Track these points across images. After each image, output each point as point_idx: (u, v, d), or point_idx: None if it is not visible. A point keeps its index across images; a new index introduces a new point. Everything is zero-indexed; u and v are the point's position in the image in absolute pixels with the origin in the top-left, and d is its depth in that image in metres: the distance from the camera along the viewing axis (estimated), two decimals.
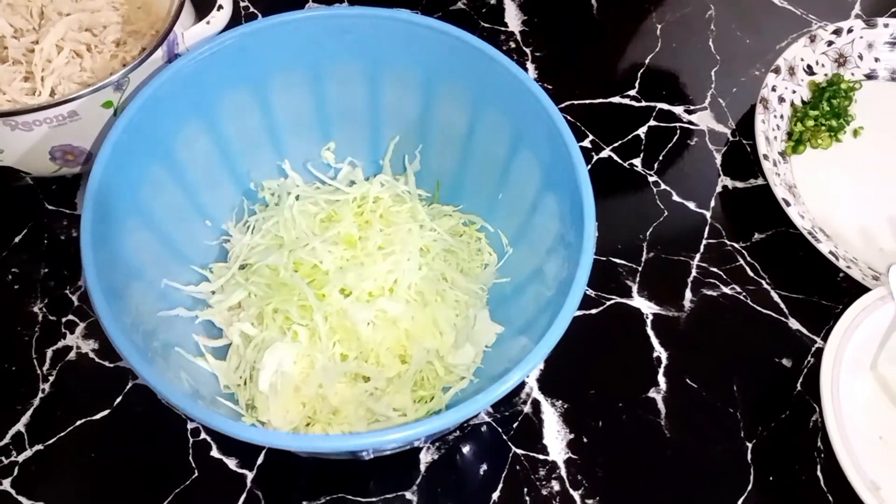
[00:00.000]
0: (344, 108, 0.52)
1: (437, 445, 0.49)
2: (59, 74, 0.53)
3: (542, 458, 0.49)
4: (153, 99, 0.44)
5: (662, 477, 0.49)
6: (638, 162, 0.62)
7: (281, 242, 0.50)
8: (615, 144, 0.63)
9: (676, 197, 0.60)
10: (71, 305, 0.53)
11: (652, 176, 0.61)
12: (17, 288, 0.54)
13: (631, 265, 0.57)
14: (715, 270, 0.57)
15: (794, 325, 0.55)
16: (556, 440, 0.50)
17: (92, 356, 0.51)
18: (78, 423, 0.49)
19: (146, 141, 0.44)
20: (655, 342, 0.54)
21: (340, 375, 0.45)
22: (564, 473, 0.49)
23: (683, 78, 0.67)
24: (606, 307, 0.55)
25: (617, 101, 0.65)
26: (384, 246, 0.49)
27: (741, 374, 0.53)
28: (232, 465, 0.48)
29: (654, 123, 0.64)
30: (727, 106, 0.66)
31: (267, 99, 0.50)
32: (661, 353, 0.53)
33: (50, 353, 0.51)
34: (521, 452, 0.49)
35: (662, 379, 0.52)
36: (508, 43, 0.68)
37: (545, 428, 0.50)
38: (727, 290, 0.56)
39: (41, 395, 0.50)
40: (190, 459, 0.48)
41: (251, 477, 0.48)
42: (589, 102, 0.65)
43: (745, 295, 0.56)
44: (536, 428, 0.50)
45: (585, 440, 0.50)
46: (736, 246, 0.58)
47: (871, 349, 0.51)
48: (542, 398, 0.51)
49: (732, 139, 0.64)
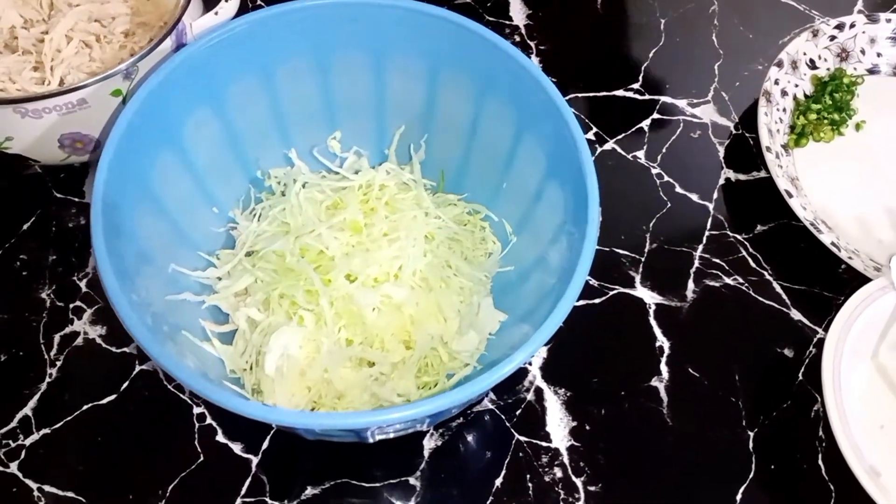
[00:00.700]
0: (350, 97, 0.52)
1: (440, 432, 0.50)
2: (68, 64, 0.53)
3: (544, 445, 0.50)
4: (163, 85, 0.44)
5: (664, 465, 0.49)
6: (641, 154, 0.62)
7: (287, 229, 0.50)
8: (619, 137, 0.63)
9: (679, 189, 0.61)
10: (78, 292, 0.53)
11: (655, 168, 0.62)
12: (25, 274, 0.54)
13: (634, 256, 0.57)
14: (717, 261, 0.57)
15: (795, 315, 0.55)
16: (558, 428, 0.50)
17: (99, 342, 0.51)
18: (85, 407, 0.49)
19: (155, 127, 0.45)
20: (658, 332, 0.54)
21: (345, 360, 0.46)
22: (567, 461, 0.49)
23: (687, 72, 0.68)
24: (609, 297, 0.55)
25: (621, 94, 0.66)
26: (389, 232, 0.50)
27: (743, 363, 0.53)
28: (237, 449, 0.48)
29: (657, 116, 0.65)
30: (730, 99, 0.66)
31: (274, 87, 0.50)
32: (663, 342, 0.54)
33: (57, 338, 0.52)
34: (523, 439, 0.50)
35: (665, 368, 0.53)
36: (513, 36, 0.69)
37: (548, 415, 0.51)
38: (729, 280, 0.56)
39: (48, 379, 0.50)
40: (196, 444, 0.48)
41: (256, 461, 0.48)
42: (593, 95, 0.65)
43: (747, 286, 0.56)
44: (539, 415, 0.50)
45: (588, 428, 0.50)
46: (738, 237, 0.59)
47: (871, 339, 0.52)
48: (545, 386, 0.52)
49: (735, 132, 0.64)
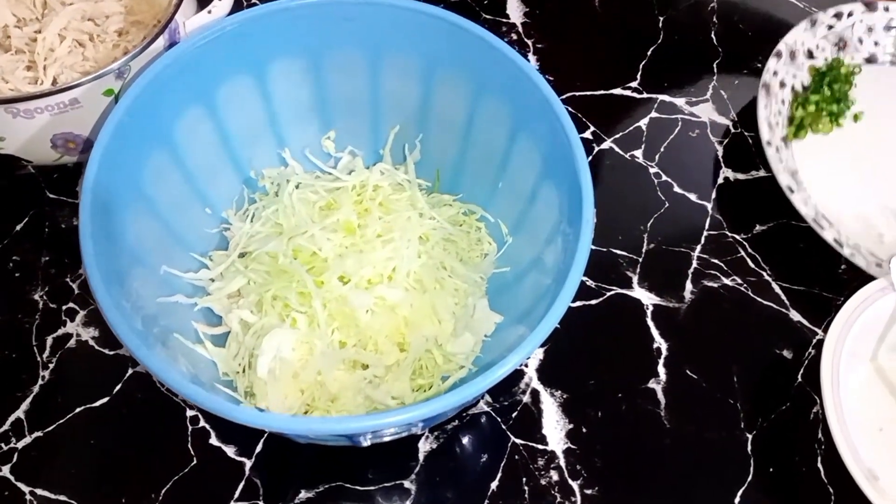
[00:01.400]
0: (344, 96, 0.52)
1: (435, 434, 0.49)
2: (61, 63, 0.53)
3: (540, 447, 0.49)
4: (153, 83, 0.44)
5: (662, 468, 0.49)
6: (639, 153, 0.62)
7: (280, 230, 0.50)
8: (616, 136, 0.63)
9: (677, 188, 0.60)
10: (71, 293, 0.53)
11: (653, 167, 0.61)
12: (17, 276, 0.54)
13: (632, 256, 0.57)
14: (716, 262, 0.57)
15: (794, 316, 0.55)
16: (555, 430, 0.50)
17: (92, 344, 0.51)
18: (77, 410, 0.49)
19: (146, 126, 0.44)
20: (655, 333, 0.54)
21: (339, 362, 0.45)
22: (563, 463, 0.49)
23: (685, 70, 0.67)
24: (606, 298, 0.55)
25: (618, 92, 0.65)
26: (383, 233, 0.49)
27: (741, 365, 0.53)
28: (231, 452, 0.48)
29: (655, 115, 0.64)
30: (729, 98, 0.65)
31: (267, 86, 0.50)
32: (661, 343, 0.53)
33: (50, 340, 0.51)
34: (520, 442, 0.49)
35: (662, 370, 0.52)
36: (510, 34, 0.68)
37: (544, 418, 0.50)
38: (728, 281, 0.56)
39: (41, 382, 0.50)
40: (189, 447, 0.48)
41: (250, 465, 0.48)
42: (590, 94, 0.65)
43: (745, 286, 0.56)
44: (535, 418, 0.50)
45: (584, 430, 0.50)
46: (737, 237, 0.58)
47: (871, 340, 0.51)
48: (541, 388, 0.51)
49: (734, 131, 0.64)
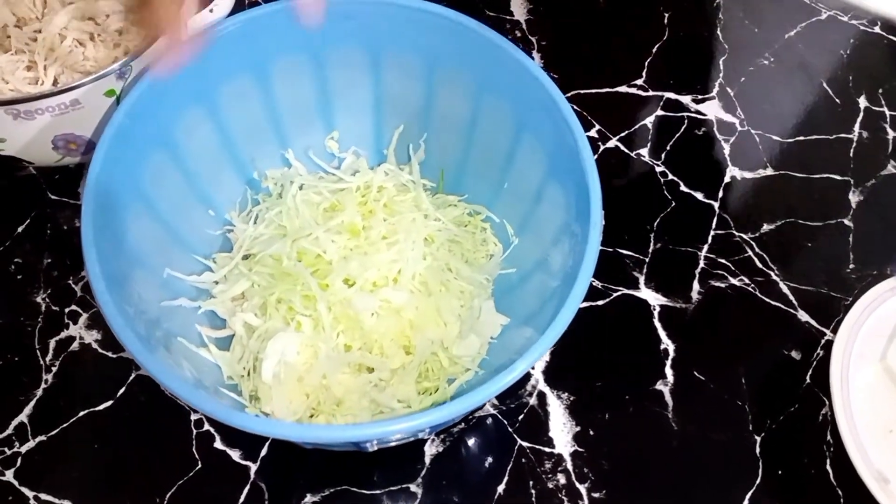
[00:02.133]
0: (347, 95, 0.51)
1: (441, 437, 0.49)
2: (61, 63, 0.53)
3: (547, 450, 0.49)
4: (155, 85, 0.43)
5: (670, 470, 0.49)
6: (645, 152, 0.61)
7: (284, 232, 0.49)
8: (622, 134, 0.62)
9: (684, 187, 0.60)
10: (74, 296, 0.52)
11: (659, 166, 0.61)
12: (20, 278, 0.53)
13: (638, 256, 0.56)
14: (723, 262, 0.56)
15: (802, 317, 0.54)
16: (561, 433, 0.49)
17: (95, 346, 0.51)
18: (81, 413, 0.49)
19: (148, 127, 0.44)
20: (663, 334, 0.53)
21: (344, 366, 0.45)
22: (570, 466, 0.48)
23: (691, 67, 0.67)
24: (613, 299, 0.54)
25: (624, 90, 0.65)
26: (388, 235, 0.49)
27: (749, 366, 0.52)
28: (236, 456, 0.48)
29: (661, 113, 0.63)
30: (735, 95, 0.65)
31: (269, 87, 0.49)
32: (668, 345, 0.53)
33: (53, 343, 0.51)
34: (526, 445, 0.49)
35: (670, 371, 0.52)
36: (514, 32, 0.67)
37: (551, 420, 0.50)
38: (735, 281, 0.55)
39: (44, 385, 0.49)
40: (193, 451, 0.48)
41: (255, 469, 0.47)
42: (595, 92, 0.64)
43: (753, 286, 0.55)
44: (542, 420, 0.50)
45: (592, 433, 0.49)
46: (744, 237, 0.58)
47: (881, 341, 0.51)
48: (547, 390, 0.51)
49: (741, 129, 0.63)
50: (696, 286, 0.55)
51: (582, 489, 0.48)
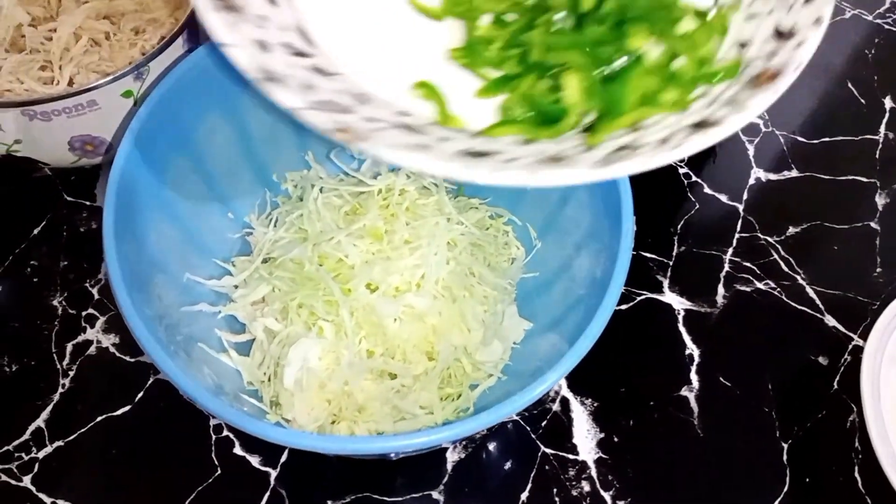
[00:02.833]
0: None
1: (463, 444, 0.48)
2: (77, 63, 0.52)
3: (571, 457, 0.48)
4: (176, 88, 0.43)
5: (696, 478, 0.48)
6: None
7: (305, 236, 0.48)
8: None
9: (708, 189, 0.59)
10: (91, 299, 0.52)
11: (683, 168, 0.60)
12: (36, 281, 0.53)
13: (662, 259, 0.55)
14: (748, 265, 0.55)
15: (829, 321, 0.53)
16: (585, 439, 0.49)
17: (112, 350, 0.50)
18: (99, 418, 0.48)
19: (168, 131, 0.43)
20: (687, 339, 0.52)
21: (366, 372, 0.44)
22: (595, 473, 0.48)
23: None
24: (637, 303, 0.53)
25: None
26: (411, 240, 0.48)
27: (776, 372, 0.51)
28: (255, 462, 0.47)
29: None
30: None
31: None
32: (693, 350, 0.52)
33: (70, 347, 0.50)
34: (549, 452, 0.48)
35: (695, 377, 0.51)
36: None
37: (574, 427, 0.49)
38: (761, 285, 0.55)
39: (61, 390, 0.49)
40: (213, 457, 0.47)
41: (275, 475, 0.47)
42: None
43: (779, 290, 0.54)
44: (565, 427, 0.49)
45: (616, 439, 0.49)
46: (770, 240, 0.57)
47: None
48: (571, 396, 0.50)
49: (765, 130, 0.62)
50: (720, 290, 0.54)
51: (607, 497, 0.47)
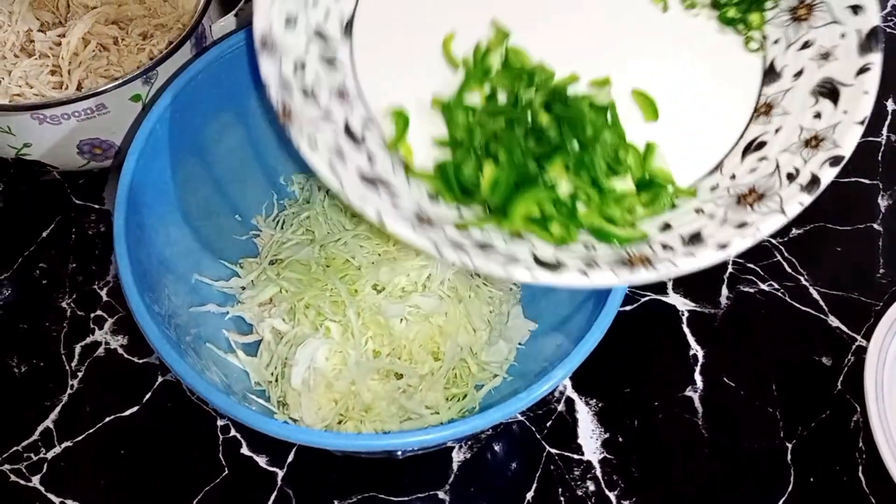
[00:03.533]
0: None
1: (469, 444, 0.48)
2: (85, 68, 0.52)
3: (576, 457, 0.48)
4: (186, 91, 0.43)
5: (700, 478, 0.48)
6: None
7: (312, 237, 0.49)
8: None
9: None
10: (99, 300, 0.52)
11: None
12: (45, 283, 0.53)
13: None
14: (752, 266, 0.56)
15: (833, 322, 0.54)
16: (590, 439, 0.49)
17: (121, 352, 0.51)
18: (107, 419, 0.48)
19: (178, 134, 0.44)
20: (692, 340, 0.53)
21: (373, 372, 0.45)
22: (600, 473, 0.48)
23: None
24: (641, 304, 0.54)
25: None
26: None
27: (780, 372, 0.52)
28: (262, 462, 0.47)
29: None
30: None
31: None
32: (697, 350, 0.52)
33: (78, 348, 0.51)
34: (555, 452, 0.48)
35: (699, 377, 0.51)
36: None
37: (579, 427, 0.49)
38: (764, 286, 0.55)
39: (70, 391, 0.49)
40: (220, 457, 0.47)
41: (282, 475, 0.47)
42: None
43: (782, 291, 0.55)
44: (570, 427, 0.49)
45: (621, 440, 0.49)
46: (773, 241, 0.57)
47: None
48: (576, 396, 0.50)
49: None
50: (724, 291, 0.55)
51: (612, 496, 0.47)
